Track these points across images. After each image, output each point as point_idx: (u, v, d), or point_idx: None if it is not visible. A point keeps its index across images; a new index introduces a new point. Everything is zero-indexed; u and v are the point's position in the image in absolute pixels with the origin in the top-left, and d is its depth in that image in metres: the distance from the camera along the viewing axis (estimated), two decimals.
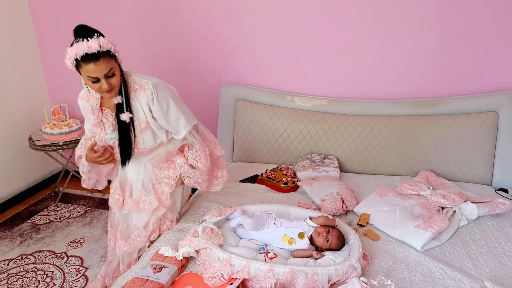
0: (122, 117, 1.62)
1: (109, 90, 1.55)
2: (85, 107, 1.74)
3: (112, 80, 1.55)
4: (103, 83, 1.52)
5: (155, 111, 1.67)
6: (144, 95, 1.63)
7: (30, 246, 2.54)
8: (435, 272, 1.57)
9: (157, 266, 1.54)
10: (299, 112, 2.59)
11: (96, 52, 1.46)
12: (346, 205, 2.00)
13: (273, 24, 2.59)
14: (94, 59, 1.47)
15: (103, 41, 1.49)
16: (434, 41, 2.37)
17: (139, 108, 1.66)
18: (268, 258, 1.53)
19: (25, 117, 3.11)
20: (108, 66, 1.51)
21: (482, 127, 2.30)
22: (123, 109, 1.62)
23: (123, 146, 1.70)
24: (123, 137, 1.68)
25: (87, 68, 1.48)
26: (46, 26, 3.07)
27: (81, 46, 1.45)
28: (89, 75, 1.50)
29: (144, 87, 1.64)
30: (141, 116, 1.68)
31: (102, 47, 1.47)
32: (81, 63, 1.48)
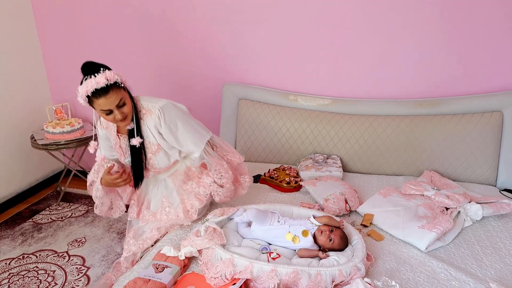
0: (132, 142, 1.69)
1: (123, 119, 1.62)
2: (103, 134, 1.81)
3: (124, 109, 1.61)
4: (116, 114, 1.59)
5: (164, 133, 1.71)
6: (151, 119, 1.69)
7: (31, 245, 2.53)
8: (439, 273, 1.55)
9: (159, 266, 1.53)
10: (302, 111, 2.58)
11: (105, 86, 1.52)
12: (349, 205, 1.98)
13: (276, 23, 2.57)
14: (104, 93, 1.53)
15: (109, 74, 1.55)
16: (439, 40, 2.35)
17: (148, 132, 1.72)
18: (271, 258, 1.52)
19: (27, 116, 3.10)
20: (118, 97, 1.57)
21: (486, 127, 2.28)
22: (133, 134, 1.69)
23: (135, 169, 1.78)
24: (135, 160, 1.76)
25: (99, 103, 1.55)
26: (49, 25, 3.07)
27: (90, 83, 1.51)
28: (101, 109, 1.57)
29: (150, 111, 1.69)
30: (151, 139, 1.74)
31: (109, 80, 1.54)
32: (92, 98, 1.54)
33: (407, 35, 2.39)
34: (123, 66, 3.00)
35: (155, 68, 2.93)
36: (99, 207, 1.92)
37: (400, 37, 2.40)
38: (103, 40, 2.98)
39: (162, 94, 2.98)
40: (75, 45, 3.06)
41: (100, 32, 2.96)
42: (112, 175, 1.77)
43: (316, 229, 1.60)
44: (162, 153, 1.77)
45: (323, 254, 1.53)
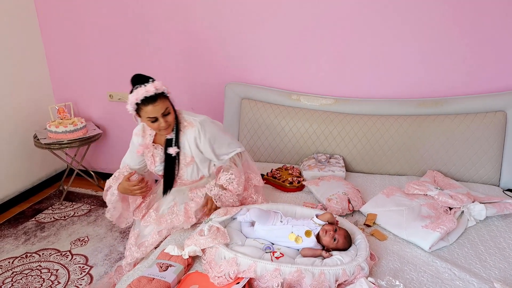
0: (170, 150, 1.80)
1: (166, 128, 1.73)
2: (137, 141, 1.90)
3: (168, 118, 1.72)
4: (161, 122, 1.70)
5: (203, 146, 1.83)
6: (192, 131, 1.81)
7: (34, 244, 2.54)
8: (443, 273, 1.55)
9: (163, 265, 1.53)
10: (304, 111, 2.57)
11: (153, 94, 1.65)
12: (352, 205, 1.98)
13: (279, 23, 2.57)
14: (152, 101, 1.65)
15: (158, 84, 1.68)
16: (442, 40, 2.35)
17: (185, 143, 1.83)
18: (275, 257, 1.52)
19: (30, 115, 3.11)
20: (164, 106, 1.69)
21: (490, 127, 2.28)
22: (171, 143, 1.80)
23: (167, 177, 1.88)
24: (168, 168, 1.86)
25: (146, 110, 1.67)
26: (51, 24, 3.07)
27: (140, 91, 1.64)
28: (148, 116, 1.68)
29: (192, 124, 1.81)
30: (187, 151, 1.84)
31: (157, 89, 1.66)
32: (141, 106, 1.66)
33: (411, 34, 2.38)
34: (125, 65, 3.01)
35: (157, 67, 2.93)
36: (111, 211, 1.96)
37: (403, 36, 2.40)
38: (106, 39, 2.98)
39: None
40: (78, 45, 3.07)
41: (103, 32, 2.96)
42: (130, 182, 1.83)
43: (320, 229, 1.60)
44: (194, 166, 1.89)
45: (326, 254, 1.53)
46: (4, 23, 2.84)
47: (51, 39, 3.12)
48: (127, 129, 3.19)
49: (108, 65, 3.05)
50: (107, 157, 3.38)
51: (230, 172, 1.83)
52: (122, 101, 3.12)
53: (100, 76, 3.11)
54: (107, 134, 3.28)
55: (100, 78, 3.12)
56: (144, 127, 1.91)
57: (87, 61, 3.10)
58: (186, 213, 1.86)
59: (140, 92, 1.64)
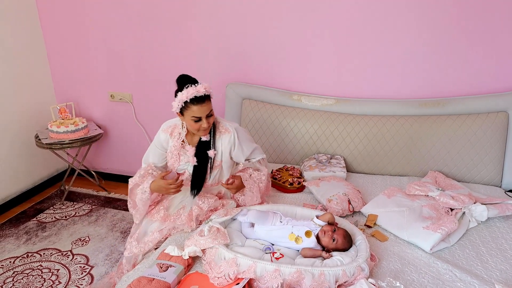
0: (210, 153, 1.84)
1: (206, 129, 1.77)
2: (165, 138, 1.91)
3: (210, 120, 1.77)
4: (203, 122, 1.74)
5: (236, 150, 1.89)
6: (227, 137, 1.87)
7: (35, 244, 2.54)
8: (444, 274, 1.54)
9: (163, 265, 1.53)
10: (305, 111, 2.57)
11: (203, 95, 1.70)
12: (352, 206, 1.97)
13: (280, 23, 2.57)
14: (201, 101, 1.71)
15: (207, 86, 1.74)
16: (444, 40, 2.34)
17: (219, 148, 1.87)
18: (275, 258, 1.51)
19: (32, 116, 3.12)
20: (209, 107, 1.75)
21: (492, 128, 2.27)
22: (209, 146, 1.85)
23: (198, 179, 1.88)
24: (198, 170, 1.87)
25: (194, 109, 1.71)
26: (53, 25, 3.08)
27: (191, 90, 1.69)
28: (194, 115, 1.72)
29: (228, 130, 1.87)
30: (218, 155, 1.89)
31: (207, 91, 1.73)
32: (189, 104, 1.71)
33: (412, 35, 2.38)
34: (126, 65, 3.01)
35: (158, 67, 2.94)
36: (140, 210, 1.91)
37: (405, 37, 2.39)
38: (107, 40, 2.98)
39: (165, 94, 2.99)
40: (79, 45, 3.07)
41: (104, 32, 2.97)
42: (167, 180, 1.80)
43: (319, 230, 1.60)
44: (219, 170, 1.92)
45: (326, 254, 1.52)
46: (6, 24, 2.85)
47: (53, 39, 3.13)
48: (128, 129, 3.20)
49: (109, 65, 3.06)
50: (108, 157, 3.38)
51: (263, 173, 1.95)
52: (123, 101, 3.12)
53: (101, 76, 3.12)
54: (108, 134, 3.29)
55: (101, 78, 3.12)
56: (174, 126, 1.91)
57: (88, 61, 3.10)
58: (189, 215, 1.86)
59: (191, 91, 1.68)
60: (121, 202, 3.07)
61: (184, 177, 1.92)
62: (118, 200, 3.11)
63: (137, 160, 3.28)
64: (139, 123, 3.15)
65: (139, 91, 3.07)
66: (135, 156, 3.29)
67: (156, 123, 3.09)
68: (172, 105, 1.75)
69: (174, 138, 1.89)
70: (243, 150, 1.90)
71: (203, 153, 1.86)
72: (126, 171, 3.38)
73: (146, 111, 3.11)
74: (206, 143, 1.85)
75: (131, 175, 3.32)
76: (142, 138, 3.19)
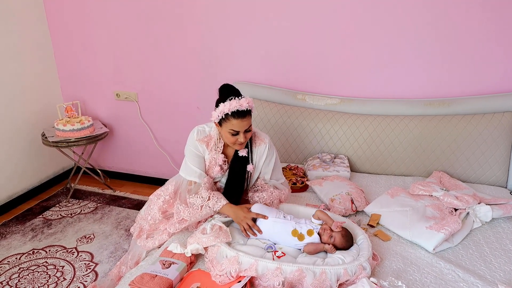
0: (249, 168, 1.80)
1: (242, 143, 1.72)
2: (202, 150, 1.80)
3: (248, 135, 1.72)
4: (240, 137, 1.68)
5: (266, 160, 1.84)
6: (263, 147, 1.83)
7: (41, 241, 2.57)
8: (447, 275, 1.53)
9: (166, 262, 1.54)
10: (310, 111, 2.57)
11: (245, 110, 1.64)
12: (355, 206, 1.97)
13: (284, 22, 2.57)
14: (242, 116, 1.64)
15: (250, 101, 1.67)
16: (449, 39, 2.32)
17: (255, 160, 1.83)
18: (276, 256, 1.52)
19: (38, 114, 3.15)
20: (249, 122, 1.69)
21: (497, 128, 2.25)
22: (247, 161, 1.80)
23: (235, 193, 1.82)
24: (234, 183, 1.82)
25: (233, 122, 1.65)
26: (60, 24, 3.11)
27: (234, 103, 1.63)
28: (233, 128, 1.66)
29: (263, 140, 1.84)
30: (249, 166, 1.82)
31: (250, 106, 1.67)
32: (229, 117, 1.64)
33: (417, 34, 2.36)
34: (132, 65, 3.03)
35: (164, 66, 2.95)
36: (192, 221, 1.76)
37: (410, 36, 2.38)
38: (113, 39, 3.01)
39: (170, 93, 3.00)
40: (86, 44, 3.10)
41: (110, 31, 2.99)
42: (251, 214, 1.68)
43: (319, 228, 1.60)
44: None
45: (329, 247, 1.52)
46: (13, 23, 2.88)
47: (60, 38, 3.16)
48: (133, 128, 3.22)
49: (115, 64, 3.08)
50: (114, 155, 3.41)
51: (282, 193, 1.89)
52: (128, 100, 3.14)
53: (107, 75, 3.14)
54: (113, 132, 3.31)
55: (107, 77, 3.15)
56: (209, 137, 1.81)
57: (94, 60, 3.13)
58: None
59: (234, 104, 1.62)
60: (126, 200, 3.10)
61: (215, 188, 1.86)
62: (123, 198, 3.13)
63: (142, 158, 3.33)
64: (144, 122, 3.17)
65: (144, 90, 3.09)
66: (140, 154, 3.31)
67: (161, 122, 3.13)
68: (212, 114, 1.69)
69: (211, 151, 1.80)
70: (271, 159, 1.86)
71: (240, 168, 1.80)
72: (131, 170, 3.40)
73: (151, 110, 3.13)
74: (243, 158, 1.79)
75: (136, 173, 3.39)
76: (147, 137, 3.21)
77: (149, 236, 1.86)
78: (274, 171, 1.89)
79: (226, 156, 1.84)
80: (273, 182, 1.90)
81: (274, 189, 1.87)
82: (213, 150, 1.80)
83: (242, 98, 1.65)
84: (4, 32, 2.82)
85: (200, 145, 1.80)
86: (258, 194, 1.84)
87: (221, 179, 1.86)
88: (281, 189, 1.91)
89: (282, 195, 1.88)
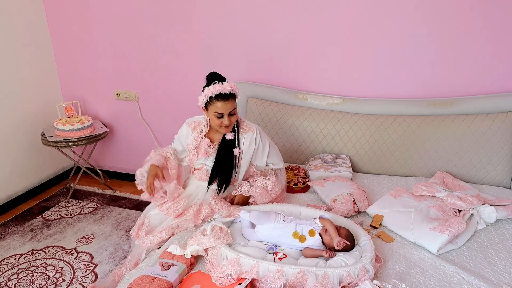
0: (235, 152, 1.89)
1: (227, 126, 1.82)
2: (186, 132, 1.98)
3: (232, 118, 1.83)
4: (225, 119, 1.80)
5: (258, 148, 1.94)
6: (250, 135, 1.92)
7: (40, 242, 2.55)
8: (451, 277, 1.51)
9: (166, 264, 1.52)
10: (311, 110, 2.54)
11: (228, 93, 1.76)
12: (357, 206, 1.95)
13: (286, 22, 2.55)
14: (225, 98, 1.76)
15: (233, 85, 1.80)
16: (452, 38, 2.30)
17: (242, 146, 1.92)
18: (278, 258, 1.49)
19: (38, 113, 3.13)
20: (233, 106, 1.80)
21: (501, 128, 2.22)
22: (234, 145, 1.90)
23: (227, 175, 1.91)
24: (225, 168, 1.90)
25: (217, 105, 1.77)
26: (60, 23, 3.09)
27: (218, 86, 1.75)
28: (217, 111, 1.78)
29: (252, 128, 1.93)
30: (235, 150, 1.91)
31: (232, 90, 1.79)
32: (213, 100, 1.77)
33: (420, 33, 2.34)
34: (132, 64, 3.01)
35: (164, 66, 2.93)
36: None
37: (413, 35, 2.35)
38: (113, 38, 2.99)
39: (171, 93, 2.98)
40: (86, 44, 3.08)
41: (110, 31, 2.97)
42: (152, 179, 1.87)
43: (320, 229, 1.57)
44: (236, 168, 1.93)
45: (327, 254, 1.50)
46: (13, 22, 2.86)
47: (60, 38, 3.14)
48: (134, 127, 3.20)
49: (115, 64, 3.06)
50: (114, 155, 3.39)
51: (268, 178, 1.96)
52: (128, 99, 3.12)
53: (107, 75, 3.12)
54: (113, 132, 3.29)
55: (107, 77, 3.13)
56: (198, 122, 1.97)
57: (94, 60, 3.11)
58: (197, 212, 1.87)
59: (217, 87, 1.75)
60: (126, 200, 3.08)
61: (203, 172, 1.97)
62: (123, 198, 3.11)
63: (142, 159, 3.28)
64: (144, 122, 3.15)
65: (144, 90, 3.07)
66: (140, 154, 3.28)
67: (162, 122, 3.11)
68: (198, 99, 1.82)
69: (196, 133, 1.95)
70: (264, 147, 1.95)
71: (226, 151, 1.90)
72: (131, 170, 3.38)
73: (152, 110, 3.11)
74: (230, 142, 1.89)
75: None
76: (148, 137, 3.19)
77: (148, 233, 1.87)
78: (270, 156, 1.99)
79: (213, 141, 1.95)
80: (269, 166, 2.02)
81: (259, 178, 1.96)
82: (197, 133, 1.95)
83: (225, 82, 1.77)
84: (4, 31, 2.80)
85: (186, 128, 1.98)
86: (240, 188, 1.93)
87: (206, 162, 1.95)
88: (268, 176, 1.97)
89: (267, 182, 1.94)
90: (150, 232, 1.89)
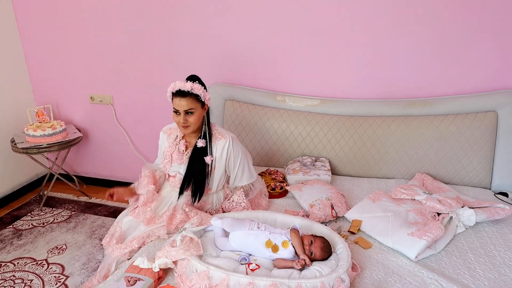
0: (207, 160, 1.85)
1: (184, 126, 1.79)
2: (162, 139, 1.99)
3: (189, 118, 1.78)
4: (180, 117, 1.78)
5: (229, 157, 1.89)
6: (223, 143, 1.87)
7: (10, 253, 2.43)
8: (429, 284, 1.46)
9: (131, 278, 1.43)
10: (290, 112, 2.48)
11: (186, 91, 1.74)
12: (335, 211, 1.89)
13: (264, 23, 2.48)
14: (182, 95, 1.75)
15: (197, 86, 1.75)
16: (430, 39, 2.26)
17: (214, 153, 1.88)
18: (250, 269, 1.42)
19: (9, 119, 3.00)
20: (190, 105, 1.75)
21: (480, 128, 2.20)
22: (205, 152, 1.85)
23: (199, 184, 1.87)
24: (200, 175, 1.86)
25: (174, 101, 1.78)
26: (31, 24, 2.97)
27: (179, 83, 1.75)
28: (174, 107, 1.78)
29: (224, 136, 1.88)
30: (207, 158, 1.87)
31: (193, 89, 1.74)
32: (173, 96, 1.78)
33: (398, 34, 2.30)
34: (107, 67, 2.91)
35: (140, 68, 2.84)
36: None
37: (391, 36, 2.31)
38: (87, 40, 2.88)
39: (146, 96, 2.89)
40: (58, 45, 2.96)
41: (84, 32, 2.86)
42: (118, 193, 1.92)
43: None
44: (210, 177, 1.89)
45: (297, 265, 1.43)
46: None
47: (30, 39, 3.01)
48: (109, 131, 3.10)
49: (89, 66, 2.95)
50: (90, 160, 3.28)
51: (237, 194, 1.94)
52: (103, 103, 3.02)
53: (81, 77, 3.01)
54: (89, 137, 3.18)
55: (81, 80, 3.02)
56: (174, 128, 1.96)
57: (68, 62, 3.00)
58: (171, 218, 1.80)
59: (178, 84, 1.74)
60: (102, 207, 2.97)
61: (176, 180, 1.93)
62: (99, 205, 3.00)
63: (119, 163, 3.21)
64: (120, 125, 3.05)
65: (120, 93, 2.97)
66: (117, 159, 3.19)
67: (138, 125, 3.02)
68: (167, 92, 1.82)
69: (171, 139, 1.94)
70: (236, 157, 1.89)
71: (197, 159, 1.85)
72: (108, 175, 3.28)
73: (127, 113, 3.01)
74: (201, 149, 1.85)
75: (113, 179, 3.27)
76: (124, 141, 3.09)
77: (120, 241, 1.81)
78: (240, 167, 1.93)
79: (189, 143, 1.93)
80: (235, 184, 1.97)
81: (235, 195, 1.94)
82: (172, 139, 1.94)
83: (189, 82, 1.74)
84: None
85: (162, 135, 1.99)
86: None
87: (179, 170, 1.91)
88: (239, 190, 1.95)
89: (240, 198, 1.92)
90: (122, 241, 1.83)
